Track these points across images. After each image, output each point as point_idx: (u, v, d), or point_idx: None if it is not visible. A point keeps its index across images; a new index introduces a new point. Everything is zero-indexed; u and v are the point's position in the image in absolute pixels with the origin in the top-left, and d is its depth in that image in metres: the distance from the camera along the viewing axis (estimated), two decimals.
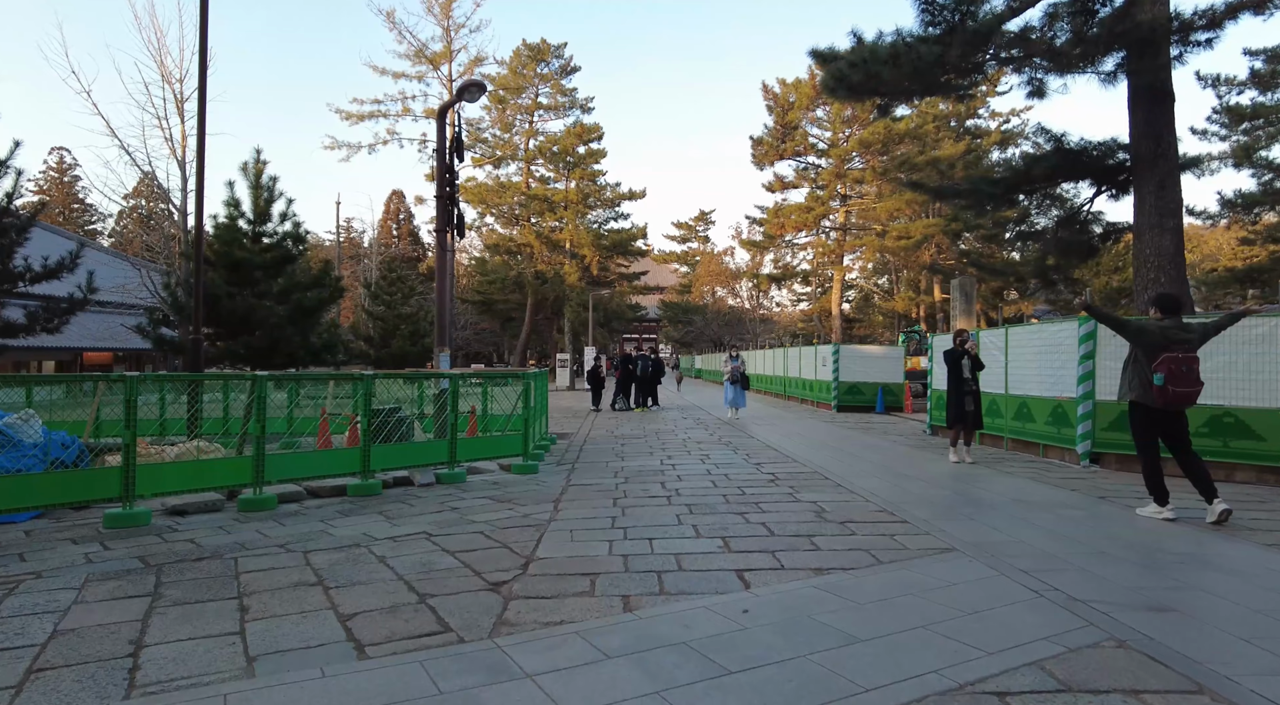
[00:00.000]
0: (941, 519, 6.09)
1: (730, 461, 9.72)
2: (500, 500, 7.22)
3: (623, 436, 13.27)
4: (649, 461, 9.81)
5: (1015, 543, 5.25)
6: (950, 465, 9.46)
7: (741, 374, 16.89)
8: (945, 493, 7.45)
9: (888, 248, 34.38)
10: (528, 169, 44.25)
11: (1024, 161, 13.12)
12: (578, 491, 7.65)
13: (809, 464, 9.44)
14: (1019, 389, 10.82)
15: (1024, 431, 10.65)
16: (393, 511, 6.69)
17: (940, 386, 13.38)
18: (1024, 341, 10.72)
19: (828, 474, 8.58)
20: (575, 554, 5.08)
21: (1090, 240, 13.83)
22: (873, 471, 8.88)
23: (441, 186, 9.22)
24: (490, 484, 8.29)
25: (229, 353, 16.45)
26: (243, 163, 17.78)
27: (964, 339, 9.69)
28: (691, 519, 6.14)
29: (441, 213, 9.29)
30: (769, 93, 37.05)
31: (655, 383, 20.97)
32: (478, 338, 56.54)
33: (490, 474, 9.08)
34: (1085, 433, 9.17)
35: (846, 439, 12.86)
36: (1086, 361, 9.18)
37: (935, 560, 4.83)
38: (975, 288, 25.20)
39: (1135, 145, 11.92)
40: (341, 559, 4.99)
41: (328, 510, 6.79)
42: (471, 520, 6.28)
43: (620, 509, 6.64)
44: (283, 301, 17.39)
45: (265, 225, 17.79)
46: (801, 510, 6.48)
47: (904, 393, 20.01)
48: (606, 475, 8.73)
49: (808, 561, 4.82)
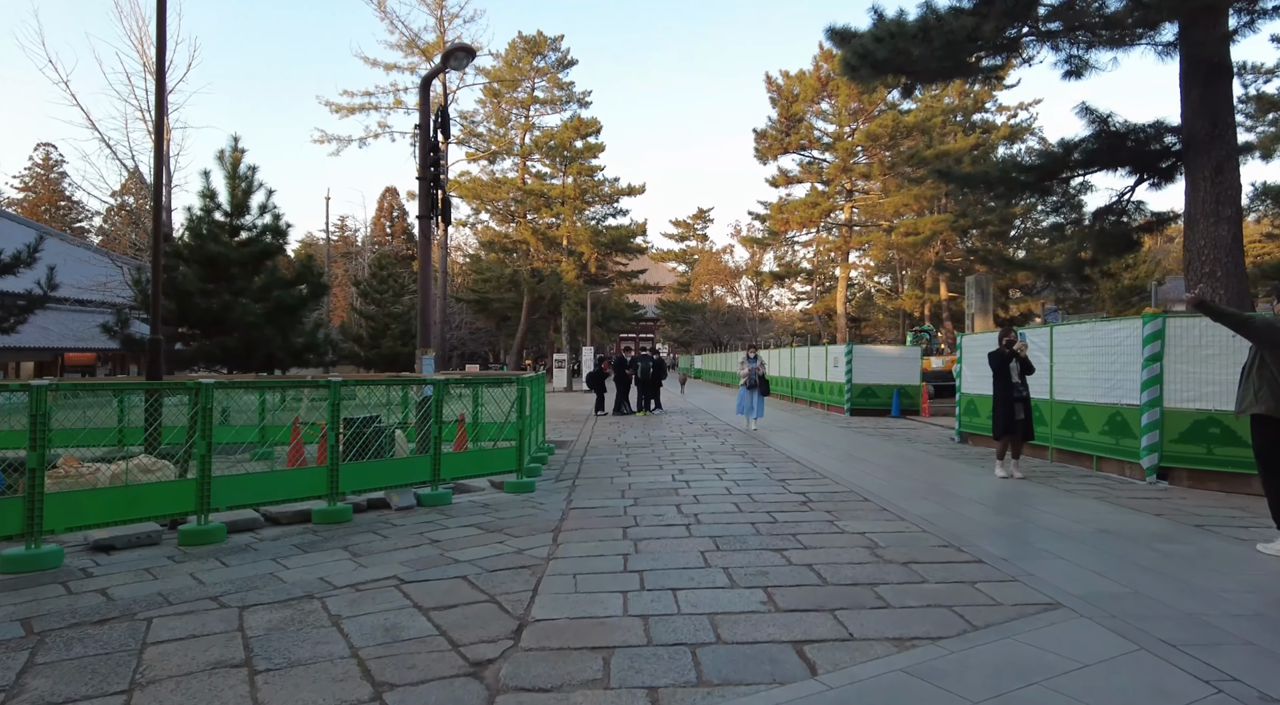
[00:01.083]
0: (1023, 557, 5.04)
1: (751, 477, 8.66)
2: (490, 529, 6.15)
3: (627, 445, 12.21)
4: (659, 477, 8.74)
5: (1134, 595, 4.20)
6: (999, 481, 8.42)
7: (761, 377, 14.55)
8: (1010, 519, 6.40)
9: (895, 244, 33.37)
10: (524, 164, 43.15)
11: (1061, 146, 12.08)
12: (580, 517, 6.58)
13: (840, 480, 8.39)
14: (1067, 394, 9.78)
15: (1073, 441, 9.62)
16: (361, 545, 5.62)
17: (973, 391, 12.35)
18: (1073, 341, 9.68)
19: (865, 494, 7.52)
20: (581, 613, 4.02)
21: (1129, 232, 12.78)
22: (915, 490, 7.82)
23: (425, 167, 8.16)
24: (479, 506, 7.21)
25: (203, 354, 15.36)
26: (219, 151, 16.71)
27: (1011, 339, 8.64)
28: (720, 558, 5.08)
29: (424, 196, 8.22)
30: (772, 84, 35.99)
31: (658, 385, 19.90)
32: (473, 338, 55.39)
33: (480, 493, 8.02)
34: (1151, 445, 8.14)
35: (872, 448, 11.81)
36: (1152, 364, 8.14)
37: (1043, 623, 3.77)
38: (991, 285, 24.21)
39: (1188, 126, 10.89)
40: (285, 620, 3.93)
41: (285, 543, 5.72)
42: (454, 559, 5.21)
43: (632, 543, 5.58)
44: (262, 299, 16.32)
45: (243, 218, 16.72)
46: (850, 545, 5.42)
47: (921, 395, 18.97)
48: (612, 495, 7.66)
49: (881, 626, 3.76)
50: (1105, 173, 12.69)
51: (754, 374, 14.43)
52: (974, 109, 39.82)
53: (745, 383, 14.66)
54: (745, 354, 15.45)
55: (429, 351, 8.30)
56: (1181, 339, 7.99)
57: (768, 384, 15.13)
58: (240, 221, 16.59)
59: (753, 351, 15.31)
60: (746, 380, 14.61)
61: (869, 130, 32.60)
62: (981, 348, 12.15)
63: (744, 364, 14.93)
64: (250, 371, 15.70)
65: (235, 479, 6.15)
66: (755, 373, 14.45)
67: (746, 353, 15.38)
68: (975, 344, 12.51)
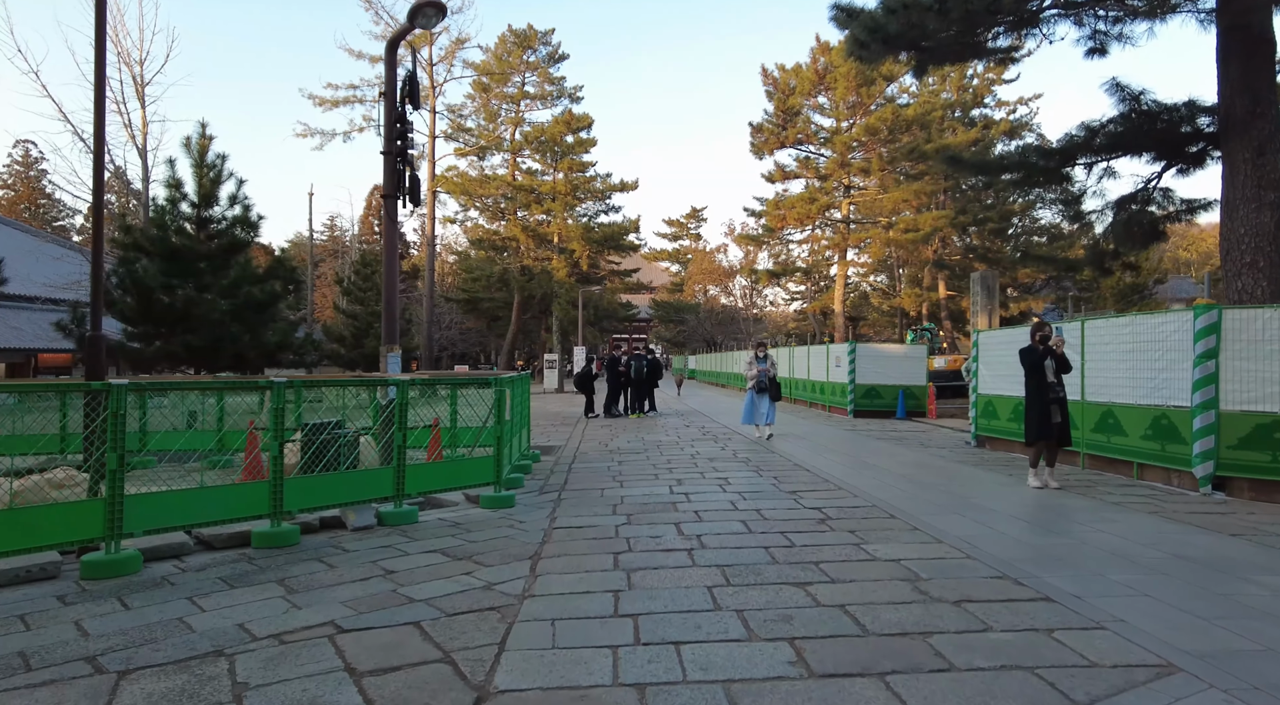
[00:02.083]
0: (1099, 593, 4.16)
1: (757, 488, 7.76)
2: (457, 557, 5.23)
3: (619, 451, 11.30)
4: (655, 488, 7.83)
5: (1267, 653, 3.32)
6: (1034, 492, 7.55)
7: (772, 379, 12.48)
8: (1063, 540, 5.52)
9: (895, 240, 32.54)
10: (514, 160, 42.14)
11: (1083, 129, 11.25)
12: (565, 540, 5.67)
13: (857, 492, 7.49)
14: (1101, 395, 8.93)
15: (1109, 447, 8.76)
16: (300, 578, 4.69)
17: (991, 391, 11.50)
18: (1109, 336, 8.83)
19: (889, 508, 6.63)
20: (559, 681, 3.11)
21: (1155, 221, 11.97)
22: (944, 504, 6.94)
23: (390, 140, 7.24)
24: (449, 526, 6.29)
25: (165, 353, 14.35)
26: (185, 138, 15.70)
27: (1046, 334, 7.77)
28: (731, 597, 4.17)
29: (390, 174, 7.29)
30: (768, 77, 35.09)
31: (652, 386, 18.99)
32: (463, 338, 54.34)
33: (453, 509, 7.09)
34: (1205, 451, 7.28)
35: (884, 454, 10.93)
36: (1206, 362, 7.29)
37: (1166, 700, 2.88)
38: (997, 282, 23.42)
39: (1226, 104, 10.07)
40: (173, 694, 3.00)
41: (210, 576, 4.78)
42: (408, 597, 4.29)
43: (625, 574, 4.67)
44: (231, 295, 15.35)
45: (212, 209, 15.71)
46: (886, 577, 4.52)
47: (927, 396, 18.13)
48: (602, 511, 6.75)
49: (947, 696, 2.87)
50: (1129, 158, 11.88)
51: (764, 376, 12.42)
52: (973, 104, 39.09)
53: (753, 386, 12.56)
54: (753, 352, 12.97)
55: (394, 348, 7.37)
56: (1240, 333, 7.14)
57: (779, 387, 12.93)
58: (208, 213, 15.57)
59: (762, 350, 12.90)
60: (754, 383, 12.52)
61: (868, 123, 31.75)
62: (1001, 344, 11.31)
63: (751, 364, 12.72)
64: (218, 371, 14.72)
65: (156, 498, 5.20)
66: (765, 374, 12.44)
67: (755, 351, 12.90)
68: (994, 341, 11.66)
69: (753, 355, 12.90)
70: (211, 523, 5.48)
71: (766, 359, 12.70)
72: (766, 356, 12.77)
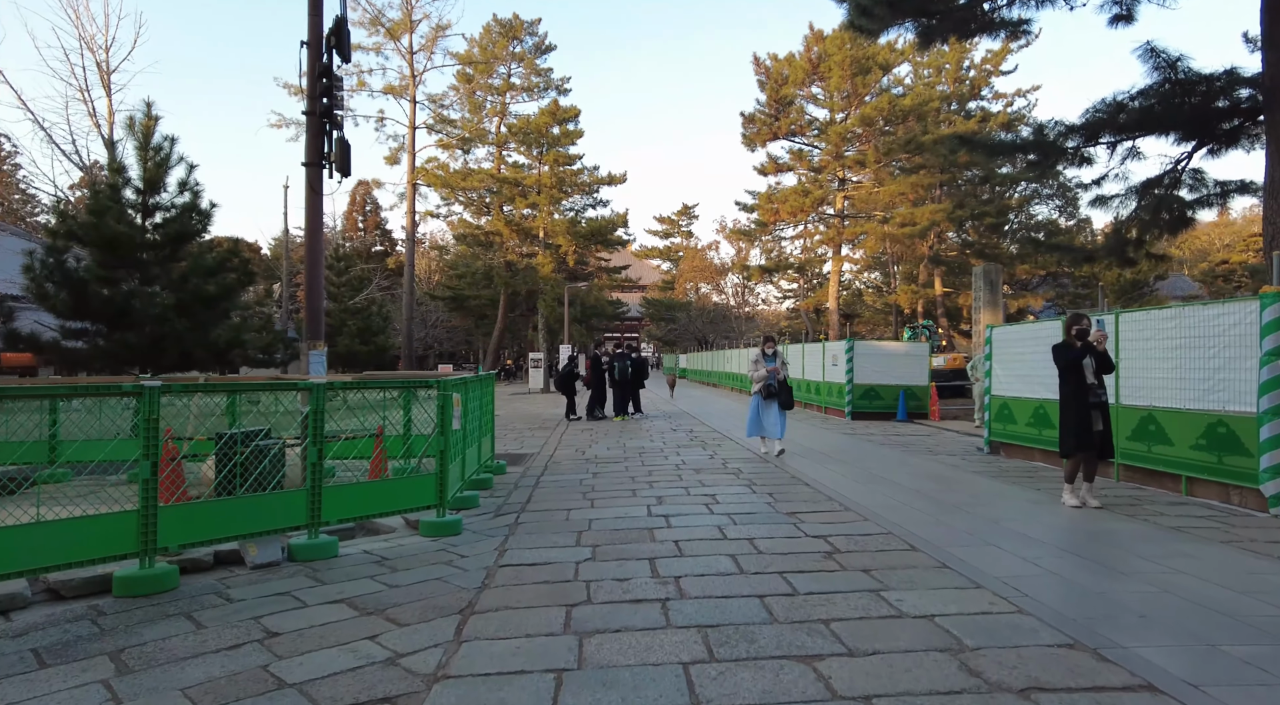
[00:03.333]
0: (1223, 681, 3.04)
1: (750, 509, 6.63)
2: (366, 610, 4.09)
3: (596, 460, 10.17)
4: (630, 509, 6.70)
5: None
6: (1071, 512, 6.46)
7: (782, 382, 10.08)
8: (1135, 585, 4.40)
9: (891, 235, 31.48)
10: (500, 154, 40.89)
11: (1109, 104, 10.19)
12: (510, 584, 4.53)
13: (868, 514, 6.38)
14: (1140, 397, 7.85)
15: (1149, 457, 7.68)
16: (147, 649, 3.54)
17: (1007, 392, 10.43)
18: (1150, 331, 7.75)
19: (908, 537, 5.52)
20: None
21: (1185, 206, 10.92)
22: (972, 530, 5.83)
23: (314, 98, 6.07)
24: (373, 562, 5.14)
25: (102, 352, 13.12)
26: (128, 118, 14.46)
27: (1085, 327, 6.68)
28: (715, 682, 3.04)
29: (313, 137, 6.12)
30: (760, 67, 33.93)
31: (638, 386, 17.85)
32: (450, 336, 53.07)
33: (388, 537, 5.95)
34: (1276, 466, 6.20)
35: (892, 463, 9.84)
36: (1275, 360, 6.21)
37: None
38: (1000, 276, 22.43)
39: (1271, 73, 9.01)
40: None
41: (24, 645, 3.62)
42: (278, 679, 3.15)
43: (576, 640, 3.54)
44: (181, 289, 14.14)
45: (159, 195, 14.49)
46: (919, 644, 3.41)
47: (930, 396, 17.07)
48: (565, 539, 5.61)
49: None
50: (1156, 138, 10.83)
51: (772, 378, 10.02)
52: (969, 96, 38.13)
53: (759, 390, 10.15)
54: (759, 349, 10.60)
55: (318, 345, 6.20)
56: None
57: (791, 391, 10.34)
58: (156, 200, 14.36)
59: (770, 346, 10.46)
60: (761, 387, 10.11)
61: (863, 113, 30.69)
62: (1020, 341, 10.24)
63: (758, 363, 10.26)
64: (163, 372, 13.48)
65: None
66: (775, 376, 10.05)
67: (762, 347, 10.50)
68: (1011, 337, 10.59)
69: (759, 352, 10.44)
70: (67, 565, 4.32)
71: (776, 357, 10.31)
72: (776, 353, 10.36)
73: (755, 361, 10.37)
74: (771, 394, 10.09)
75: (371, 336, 26.31)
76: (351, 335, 25.38)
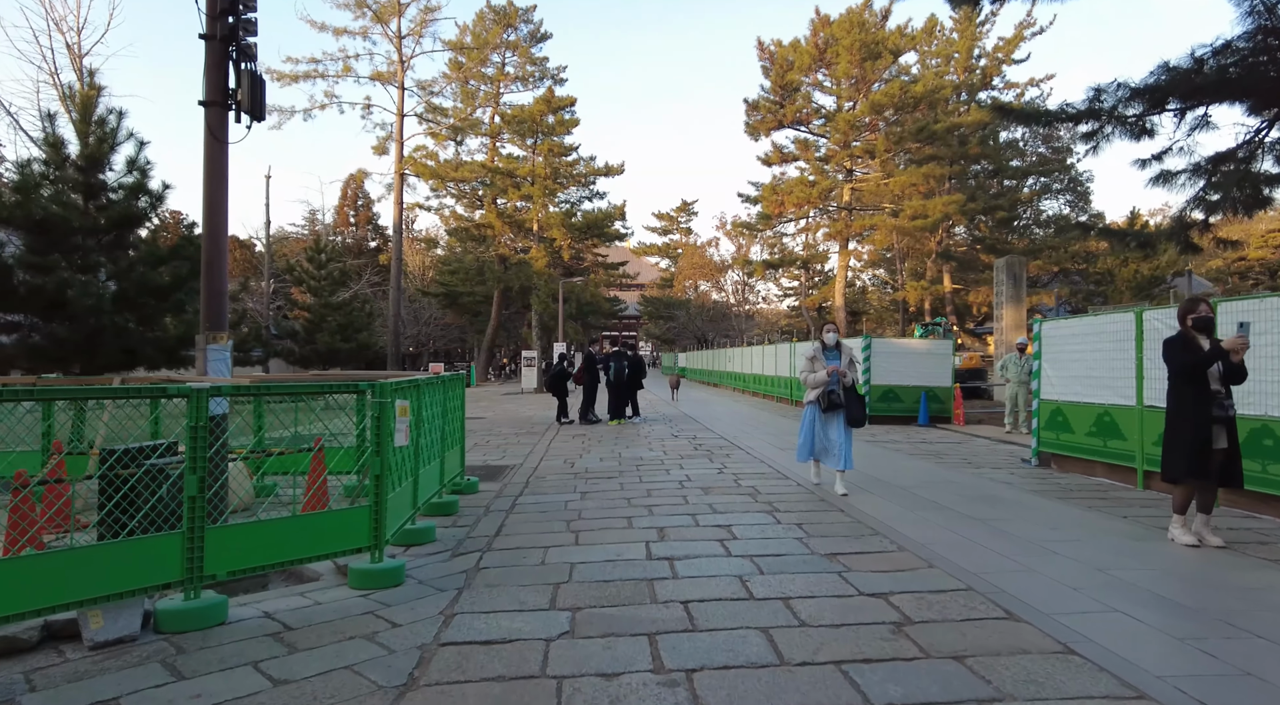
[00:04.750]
0: None
1: (778, 549, 5.21)
2: None
3: (586, 474, 8.75)
4: (624, 547, 5.28)
5: None
6: (1188, 552, 5.06)
7: (849, 389, 7.27)
8: None
9: (902, 228, 30.05)
10: (493, 144, 39.41)
11: (1184, 65, 8.78)
12: (446, 681, 3.10)
13: (932, 558, 4.96)
14: (1253, 405, 6.44)
15: (1266, 479, 6.28)
16: None
17: (1059, 396, 9.04)
18: (1265, 321, 6.34)
19: (997, 596, 4.10)
20: None
21: (1262, 183, 9.53)
22: (1080, 585, 4.41)
23: (213, 18, 4.65)
24: (266, 636, 3.71)
25: (28, 349, 11.67)
26: (66, 87, 13.06)
27: (1207, 318, 5.25)
28: None
29: (213, 69, 4.71)
30: (765, 52, 32.42)
31: (635, 388, 16.42)
32: (444, 334, 51.58)
33: (307, 588, 4.54)
34: None
35: (934, 481, 8.43)
36: None
37: None
38: (1024, 269, 21.09)
39: None
40: None
41: None
42: None
43: None
44: (126, 279, 12.72)
45: (102, 174, 13.06)
46: None
47: (954, 399, 15.68)
48: (535, 599, 4.19)
49: None
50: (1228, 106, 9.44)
51: (835, 381, 7.18)
52: (980, 86, 36.82)
53: (814, 399, 7.33)
54: (817, 342, 8.06)
55: (220, 337, 4.79)
56: None
57: (863, 402, 7.46)
58: (98, 179, 12.94)
59: (832, 334, 7.58)
60: (817, 394, 7.28)
61: (873, 100, 29.23)
62: (1077, 336, 8.84)
63: (814, 361, 7.38)
64: (101, 371, 12.04)
65: None
66: (839, 377, 7.21)
67: (822, 335, 7.64)
68: (1064, 332, 9.18)
69: (815, 347, 7.57)
70: None
71: (841, 352, 7.45)
72: (839, 345, 7.50)
73: (811, 358, 7.43)
74: (835, 405, 7.16)
75: (354, 333, 24.85)
76: (332, 332, 23.92)
